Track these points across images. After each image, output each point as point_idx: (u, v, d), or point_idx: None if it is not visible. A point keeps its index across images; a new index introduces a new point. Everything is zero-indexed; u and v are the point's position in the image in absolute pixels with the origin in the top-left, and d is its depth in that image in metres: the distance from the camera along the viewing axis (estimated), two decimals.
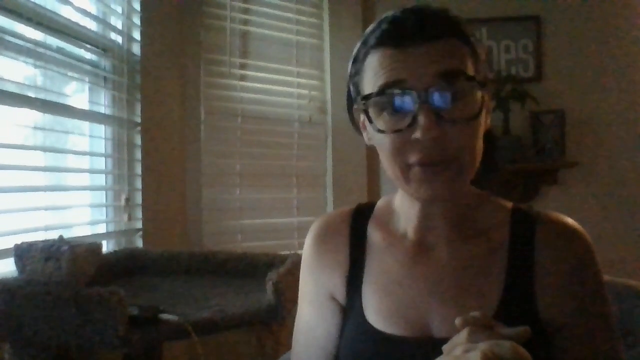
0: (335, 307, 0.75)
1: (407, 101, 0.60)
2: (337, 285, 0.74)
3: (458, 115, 0.60)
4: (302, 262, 0.79)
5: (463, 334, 0.51)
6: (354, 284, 0.73)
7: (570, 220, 0.69)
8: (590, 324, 0.66)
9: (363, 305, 0.70)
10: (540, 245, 0.67)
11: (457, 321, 0.52)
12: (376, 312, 0.69)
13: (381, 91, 0.61)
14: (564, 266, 0.66)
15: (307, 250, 0.78)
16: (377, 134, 0.64)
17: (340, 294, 0.74)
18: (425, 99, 0.59)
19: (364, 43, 0.66)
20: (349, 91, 0.71)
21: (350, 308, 0.72)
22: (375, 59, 0.63)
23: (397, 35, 0.61)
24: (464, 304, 0.65)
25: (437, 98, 0.59)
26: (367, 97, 0.63)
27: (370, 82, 0.64)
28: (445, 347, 0.52)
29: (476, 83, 0.61)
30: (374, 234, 0.75)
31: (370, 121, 0.64)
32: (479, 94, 0.61)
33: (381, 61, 0.62)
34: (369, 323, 0.68)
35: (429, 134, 0.58)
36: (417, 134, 0.59)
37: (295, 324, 0.80)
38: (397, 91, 0.60)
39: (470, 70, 0.62)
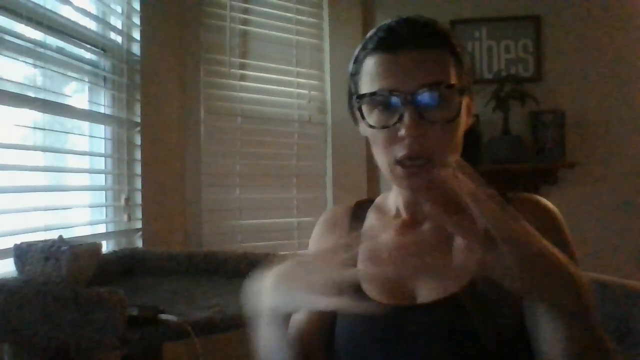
0: None
1: (396, 101, 0.69)
2: None
3: (439, 117, 0.69)
4: (309, 248, 0.90)
5: None
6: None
7: (541, 198, 0.78)
8: None
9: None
10: None
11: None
12: (369, 282, 0.77)
13: (374, 92, 0.71)
14: None
15: (313, 237, 0.90)
16: (368, 129, 0.74)
17: None
18: (411, 100, 0.68)
19: (364, 47, 0.75)
20: (349, 87, 0.81)
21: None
22: (371, 62, 0.73)
23: (391, 42, 0.71)
24: (444, 272, 0.71)
25: (421, 101, 0.68)
26: (361, 97, 0.73)
27: (366, 83, 0.74)
28: None
29: (456, 90, 0.70)
30: (369, 217, 0.87)
31: (363, 118, 0.73)
32: (458, 99, 0.71)
33: (376, 65, 0.72)
34: (364, 293, 0.77)
35: (412, 131, 0.68)
36: (402, 131, 0.68)
37: None
38: (387, 92, 0.70)
39: (453, 78, 0.71)
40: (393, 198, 0.85)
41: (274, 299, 0.66)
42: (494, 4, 2.65)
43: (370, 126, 0.73)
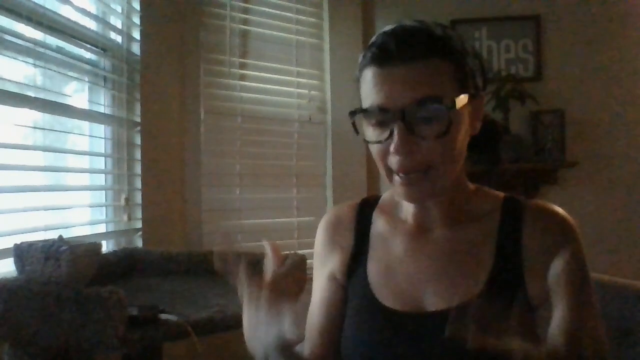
0: (337, 285, 0.85)
1: (386, 118, 0.70)
2: (339, 266, 0.84)
3: (429, 132, 0.69)
4: (314, 250, 0.89)
5: None
6: (357, 264, 0.83)
7: (556, 207, 0.77)
8: (571, 300, 0.70)
9: (369, 282, 0.79)
10: (528, 228, 0.75)
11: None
12: (380, 288, 0.78)
13: (365, 109, 0.72)
14: (549, 246, 0.73)
15: (318, 239, 0.89)
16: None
17: (341, 274, 0.84)
18: (400, 117, 0.68)
19: (364, 56, 0.74)
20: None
21: (354, 286, 0.82)
22: (366, 75, 0.72)
23: (381, 56, 0.70)
24: (454, 281, 0.74)
25: (410, 117, 0.68)
26: (352, 113, 0.74)
27: (364, 96, 0.74)
28: None
29: (448, 102, 0.68)
30: (378, 221, 0.85)
31: (357, 132, 0.75)
32: (453, 110, 0.69)
33: (369, 79, 0.72)
34: (375, 297, 0.77)
35: (401, 147, 0.68)
36: (392, 147, 0.69)
37: (310, 304, 0.89)
38: (377, 110, 0.70)
39: (448, 88, 0.69)
40: (401, 201, 0.83)
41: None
42: (494, 4, 2.65)
43: (365, 140, 0.74)
